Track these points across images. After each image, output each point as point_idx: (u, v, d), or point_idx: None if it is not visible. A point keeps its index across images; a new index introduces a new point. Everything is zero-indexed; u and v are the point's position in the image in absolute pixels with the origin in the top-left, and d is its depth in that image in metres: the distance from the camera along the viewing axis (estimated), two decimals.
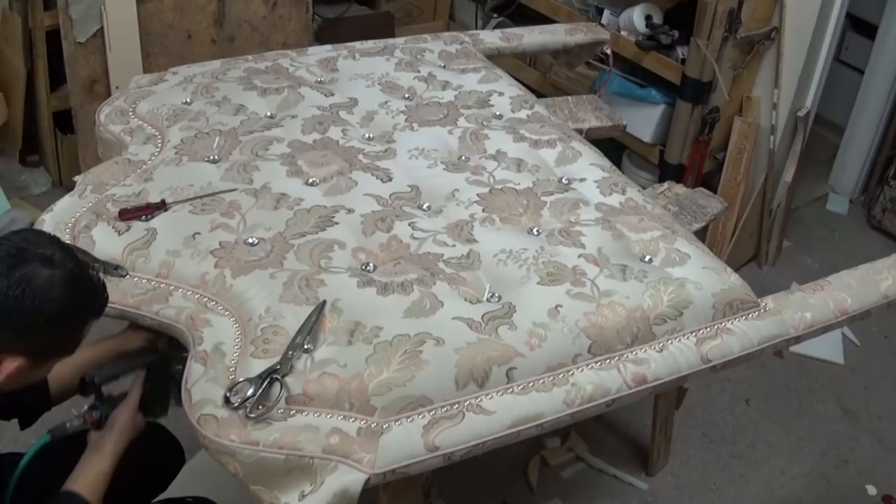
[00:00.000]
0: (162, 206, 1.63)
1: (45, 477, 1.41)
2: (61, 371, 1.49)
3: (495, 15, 3.62)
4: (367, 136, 1.92)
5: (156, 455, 1.66)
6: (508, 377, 1.38)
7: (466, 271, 1.54)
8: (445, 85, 2.15)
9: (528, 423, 1.36)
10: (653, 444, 2.32)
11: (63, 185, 3.05)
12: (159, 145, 1.84)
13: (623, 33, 3.00)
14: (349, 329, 1.39)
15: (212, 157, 1.78)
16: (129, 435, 1.42)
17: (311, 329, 1.37)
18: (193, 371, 1.35)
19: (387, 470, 1.27)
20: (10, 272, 1.16)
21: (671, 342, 1.50)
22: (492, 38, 2.51)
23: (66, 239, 1.57)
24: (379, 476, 1.27)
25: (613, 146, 3.04)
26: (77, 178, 1.75)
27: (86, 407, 1.48)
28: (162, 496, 1.67)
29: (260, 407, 1.27)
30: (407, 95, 2.08)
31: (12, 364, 1.19)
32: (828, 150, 3.72)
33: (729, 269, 1.64)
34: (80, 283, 1.22)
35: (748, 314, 1.58)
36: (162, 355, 1.53)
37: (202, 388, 1.31)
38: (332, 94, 2.05)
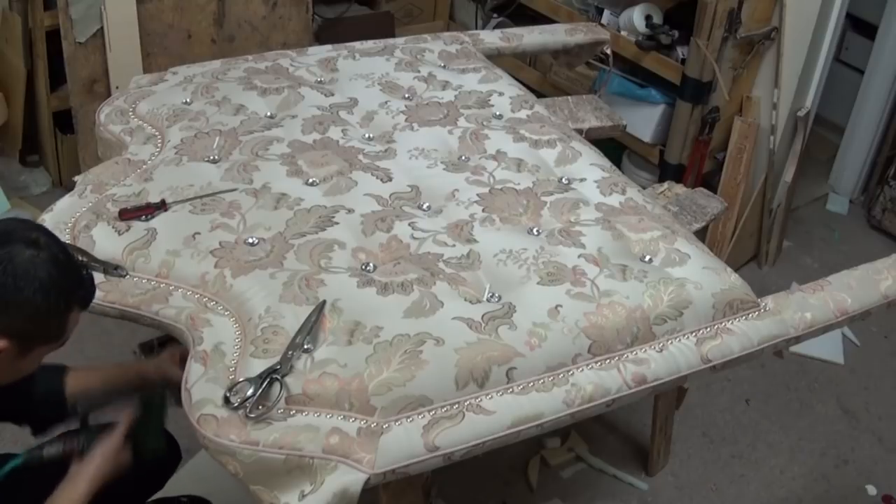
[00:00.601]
0: (162, 206, 1.63)
1: (17, 496, 1.40)
2: (81, 383, 1.49)
3: (495, 15, 3.62)
4: (367, 136, 1.92)
5: None
6: (508, 377, 1.38)
7: (466, 271, 1.54)
8: (445, 85, 2.15)
9: (528, 423, 1.36)
10: (653, 444, 2.32)
11: (63, 185, 3.05)
12: (159, 145, 1.84)
13: (623, 33, 3.00)
14: (349, 329, 1.39)
15: (212, 157, 1.78)
16: (108, 469, 1.38)
17: (311, 329, 1.37)
18: (193, 371, 1.34)
19: (387, 470, 1.27)
20: None
21: (671, 342, 1.50)
22: (492, 38, 2.51)
23: (66, 239, 1.57)
24: (379, 476, 1.27)
25: (613, 146, 3.04)
26: (77, 178, 1.75)
27: (67, 433, 1.46)
28: (158, 495, 1.67)
29: (260, 407, 1.27)
30: (407, 95, 2.08)
31: None
32: (828, 150, 3.72)
33: (729, 269, 1.64)
34: (64, 268, 1.22)
35: (748, 314, 1.58)
36: (160, 394, 1.50)
37: (202, 388, 1.31)
38: (332, 94, 2.05)
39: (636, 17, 2.94)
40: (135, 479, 1.56)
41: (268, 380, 1.29)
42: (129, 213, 1.61)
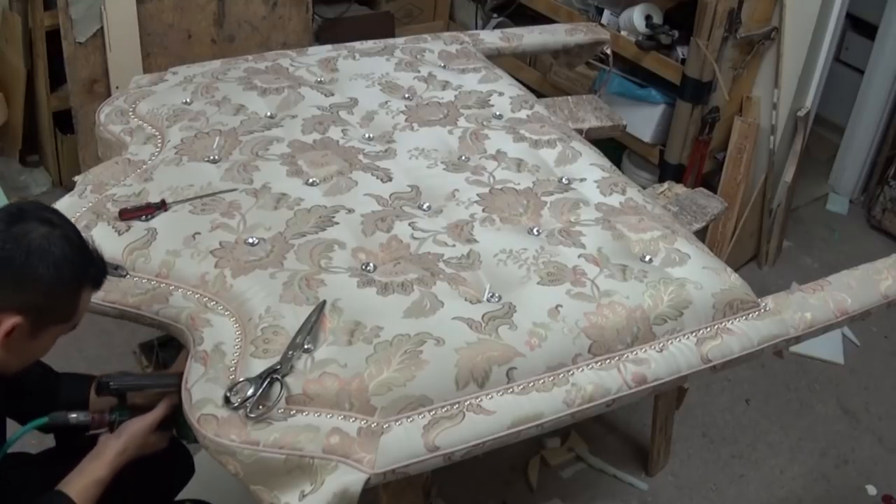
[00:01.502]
0: (162, 206, 1.63)
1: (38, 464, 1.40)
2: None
3: (495, 15, 3.62)
4: (367, 136, 1.92)
5: (165, 466, 1.64)
6: (508, 377, 1.38)
7: (466, 271, 1.54)
8: (445, 85, 2.15)
9: (528, 423, 1.36)
10: (653, 444, 2.32)
11: (63, 185, 3.05)
12: (159, 145, 1.84)
13: (623, 33, 3.00)
14: (349, 329, 1.39)
15: (212, 157, 1.78)
16: (136, 449, 1.38)
17: (311, 329, 1.37)
18: (193, 371, 1.34)
19: (387, 470, 1.27)
20: (8, 228, 1.19)
21: (671, 342, 1.50)
22: (492, 38, 2.51)
23: None
24: (379, 476, 1.27)
25: (613, 146, 3.04)
26: (77, 178, 1.75)
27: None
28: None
29: (260, 407, 1.27)
30: (407, 95, 2.08)
31: (9, 321, 1.19)
32: (828, 150, 3.72)
33: (729, 269, 1.64)
34: (76, 247, 1.24)
35: (748, 314, 1.58)
36: None
37: (202, 388, 1.31)
38: (332, 94, 2.05)
39: (636, 17, 2.94)
40: (145, 490, 1.55)
41: (268, 380, 1.29)
42: (129, 213, 1.61)
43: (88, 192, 1.69)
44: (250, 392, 1.27)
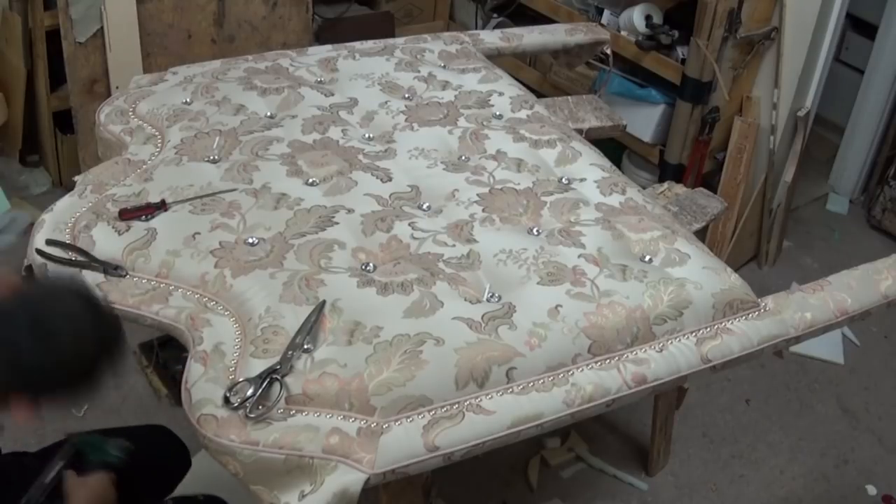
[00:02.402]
0: (162, 206, 1.63)
1: None
2: None
3: (495, 15, 3.62)
4: (367, 136, 1.92)
5: (161, 458, 1.65)
6: (508, 377, 1.38)
7: (466, 271, 1.54)
8: (445, 85, 2.15)
9: (528, 423, 1.36)
10: (653, 444, 2.32)
11: (63, 185, 3.06)
12: (159, 145, 1.84)
13: (623, 33, 3.00)
14: (349, 329, 1.39)
15: (212, 157, 1.78)
16: (94, 496, 1.36)
17: (311, 329, 1.37)
18: (193, 371, 1.34)
19: (387, 470, 1.27)
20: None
21: (671, 342, 1.50)
22: (492, 38, 2.51)
23: (66, 239, 1.56)
24: (379, 476, 1.27)
25: (613, 146, 3.04)
26: (77, 178, 1.75)
27: None
28: (171, 495, 1.66)
29: (260, 407, 1.27)
30: (407, 95, 2.08)
31: None
32: (828, 150, 3.72)
33: (729, 269, 1.64)
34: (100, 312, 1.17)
35: (748, 314, 1.58)
36: (73, 439, 1.49)
37: (202, 388, 1.31)
38: (332, 94, 2.05)
39: (636, 17, 2.95)
40: (143, 484, 1.55)
41: (268, 380, 1.29)
42: (129, 213, 1.61)
43: (88, 192, 1.69)
44: (250, 392, 1.27)
